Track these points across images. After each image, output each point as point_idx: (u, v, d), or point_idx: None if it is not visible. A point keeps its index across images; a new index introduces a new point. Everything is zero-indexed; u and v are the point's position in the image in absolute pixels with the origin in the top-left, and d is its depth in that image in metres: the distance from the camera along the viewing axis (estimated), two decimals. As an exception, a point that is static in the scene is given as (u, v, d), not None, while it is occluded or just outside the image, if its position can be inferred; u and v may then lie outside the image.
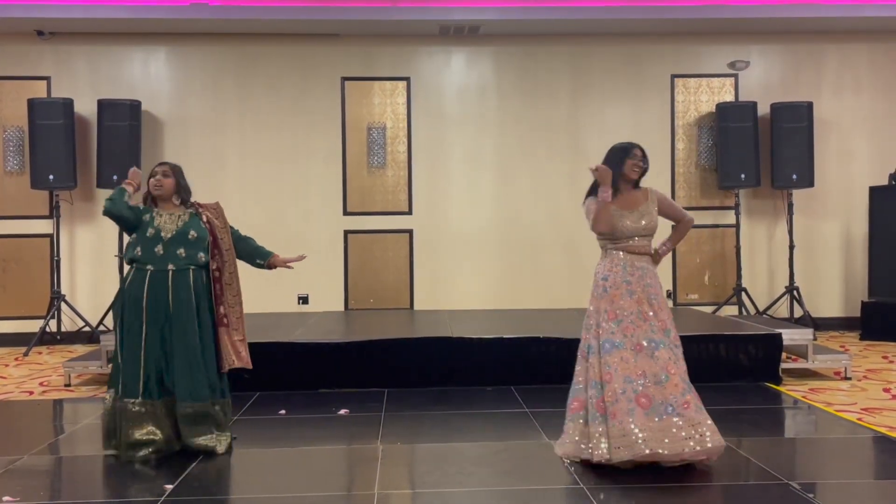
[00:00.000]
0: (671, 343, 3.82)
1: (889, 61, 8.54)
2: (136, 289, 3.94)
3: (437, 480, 3.70)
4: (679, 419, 3.63)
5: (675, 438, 3.60)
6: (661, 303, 3.91)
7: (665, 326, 3.84)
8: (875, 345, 7.51)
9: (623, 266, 3.95)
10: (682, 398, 3.67)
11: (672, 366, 3.73)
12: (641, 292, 3.88)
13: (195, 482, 3.63)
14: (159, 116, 8.28)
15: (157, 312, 3.92)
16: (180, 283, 3.95)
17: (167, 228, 3.98)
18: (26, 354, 7.49)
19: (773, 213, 8.49)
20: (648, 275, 3.94)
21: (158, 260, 3.94)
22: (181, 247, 3.96)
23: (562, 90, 8.48)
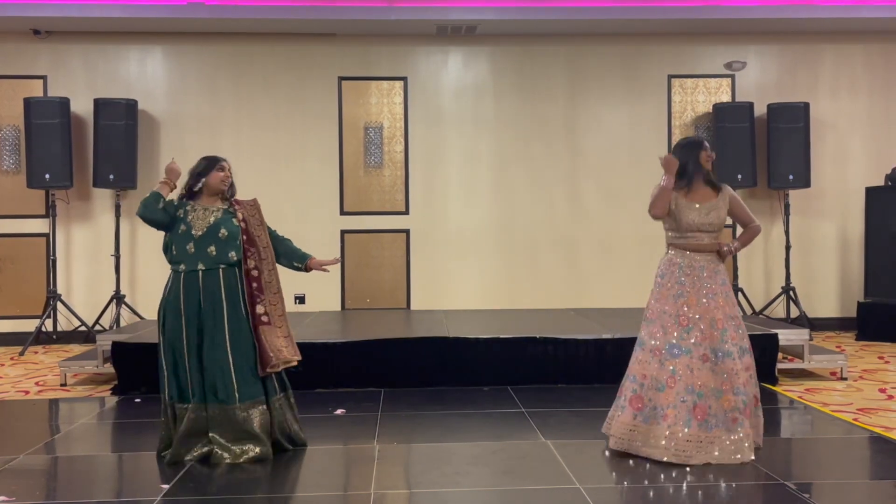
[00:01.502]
0: (731, 349, 3.88)
1: (885, 62, 8.56)
2: (173, 296, 3.91)
3: (433, 480, 3.70)
4: (725, 433, 3.80)
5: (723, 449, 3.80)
6: (718, 302, 3.92)
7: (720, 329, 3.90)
8: (871, 345, 7.53)
9: (680, 266, 4.02)
10: (732, 413, 3.83)
11: (731, 379, 3.85)
12: (693, 293, 3.93)
13: (191, 482, 3.63)
14: (156, 115, 8.27)
15: (192, 316, 3.86)
16: (211, 284, 3.89)
17: (198, 225, 3.93)
18: (22, 354, 7.48)
19: (770, 213, 8.50)
20: (707, 273, 3.97)
21: (190, 258, 3.89)
22: (212, 244, 3.90)
23: (559, 90, 8.48)
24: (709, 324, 3.89)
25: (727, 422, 3.81)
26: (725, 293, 3.96)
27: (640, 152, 8.45)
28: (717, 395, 3.83)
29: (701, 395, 3.81)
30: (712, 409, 3.81)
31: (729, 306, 3.95)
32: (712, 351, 3.87)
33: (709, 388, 3.82)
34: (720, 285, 3.96)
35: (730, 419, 3.81)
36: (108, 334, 6.35)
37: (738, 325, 3.95)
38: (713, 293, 3.93)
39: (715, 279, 3.96)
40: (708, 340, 3.87)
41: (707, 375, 3.83)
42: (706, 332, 3.88)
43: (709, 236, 4.01)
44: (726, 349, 3.85)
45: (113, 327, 7.67)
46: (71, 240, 8.23)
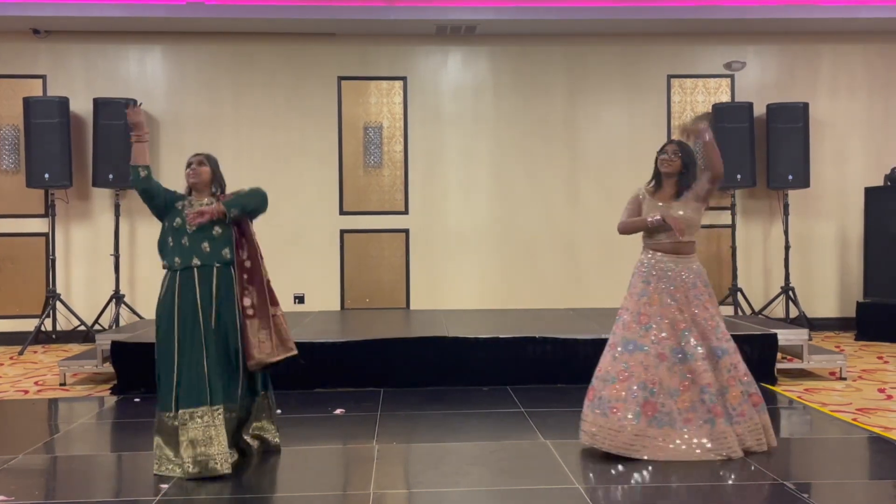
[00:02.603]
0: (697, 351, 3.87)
1: (884, 62, 8.57)
2: (168, 298, 3.82)
3: (432, 480, 3.70)
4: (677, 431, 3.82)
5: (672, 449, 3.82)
6: (682, 303, 3.92)
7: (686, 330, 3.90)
8: (870, 345, 7.53)
9: (648, 266, 4.03)
10: (686, 414, 3.84)
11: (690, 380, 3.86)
12: (657, 293, 3.94)
13: (191, 482, 3.62)
14: (155, 115, 8.26)
15: (187, 318, 3.77)
16: (205, 281, 3.82)
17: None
18: (21, 353, 7.47)
19: (769, 213, 8.50)
20: (674, 274, 3.96)
21: (185, 252, 3.82)
22: (205, 241, 3.84)
23: (558, 90, 8.48)
24: (670, 324, 3.90)
25: (679, 421, 3.81)
26: (695, 295, 3.94)
27: (640, 152, 8.43)
28: (671, 395, 3.84)
29: (653, 392, 3.83)
30: (665, 408, 3.82)
31: (699, 308, 3.92)
32: (671, 351, 3.88)
33: (663, 387, 3.84)
34: (690, 287, 3.94)
35: (683, 419, 3.81)
36: (108, 334, 6.35)
37: (714, 326, 3.90)
38: (678, 294, 3.93)
39: (683, 280, 3.95)
40: (668, 340, 3.89)
41: (663, 374, 3.85)
42: (667, 331, 3.90)
43: (671, 234, 3.98)
44: (687, 350, 3.86)
45: (112, 327, 7.67)
46: (70, 239, 8.22)
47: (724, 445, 3.80)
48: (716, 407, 3.82)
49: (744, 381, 3.92)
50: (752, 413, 3.90)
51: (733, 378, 3.89)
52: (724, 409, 3.85)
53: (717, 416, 3.82)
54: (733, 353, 3.94)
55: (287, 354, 3.97)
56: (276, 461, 3.94)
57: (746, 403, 3.89)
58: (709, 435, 3.81)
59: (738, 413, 3.86)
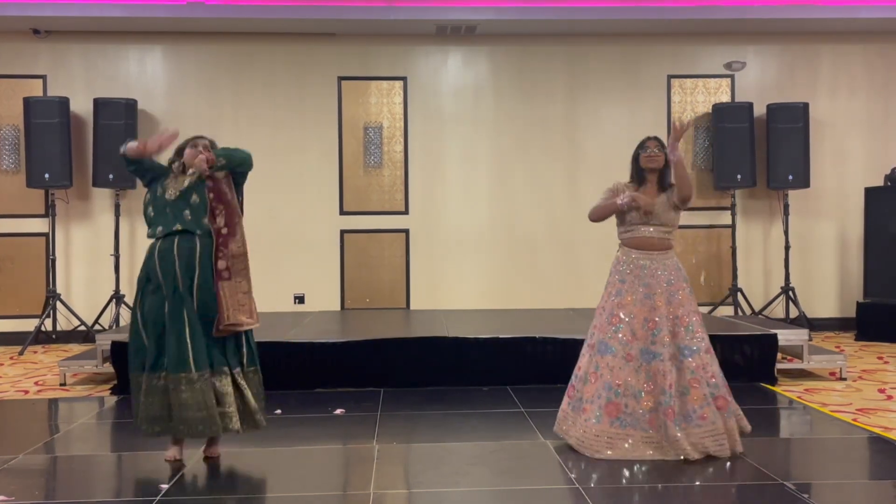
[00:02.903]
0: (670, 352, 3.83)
1: (884, 62, 8.57)
2: (150, 263, 3.83)
3: (432, 480, 3.70)
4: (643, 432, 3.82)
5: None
6: (655, 303, 3.90)
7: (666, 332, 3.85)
8: (870, 345, 7.53)
9: (623, 265, 4.03)
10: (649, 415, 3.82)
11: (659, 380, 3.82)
12: (630, 293, 3.93)
13: (190, 482, 3.63)
14: (155, 115, 8.27)
15: (167, 282, 3.77)
16: (185, 248, 3.79)
17: (171, 189, 3.89)
18: (21, 353, 7.47)
19: (769, 213, 8.50)
20: (649, 272, 3.94)
21: (166, 219, 3.83)
22: (186, 208, 3.84)
23: (558, 90, 8.48)
24: (641, 324, 3.88)
25: (643, 422, 3.80)
26: (669, 293, 3.90)
27: (640, 152, 8.45)
28: (635, 396, 3.82)
29: (618, 393, 3.83)
30: (628, 408, 3.82)
31: (673, 307, 3.88)
32: (640, 351, 3.86)
33: (628, 388, 3.83)
34: (666, 284, 3.91)
35: (647, 419, 3.80)
36: (108, 334, 6.34)
37: (686, 325, 3.86)
38: (655, 293, 3.90)
39: (657, 279, 3.92)
40: (638, 341, 3.86)
41: (629, 375, 3.84)
42: (637, 332, 3.88)
43: (657, 230, 3.97)
44: (655, 350, 3.83)
45: (112, 327, 7.67)
46: (70, 239, 8.23)
47: (678, 448, 3.74)
48: (669, 409, 3.75)
49: (711, 382, 3.82)
50: (714, 417, 3.78)
51: (696, 379, 3.80)
52: (681, 411, 3.77)
53: (669, 418, 3.75)
54: (703, 354, 3.85)
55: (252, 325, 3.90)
56: (277, 461, 3.94)
57: (709, 407, 3.78)
58: (665, 437, 3.77)
59: (698, 416, 3.77)
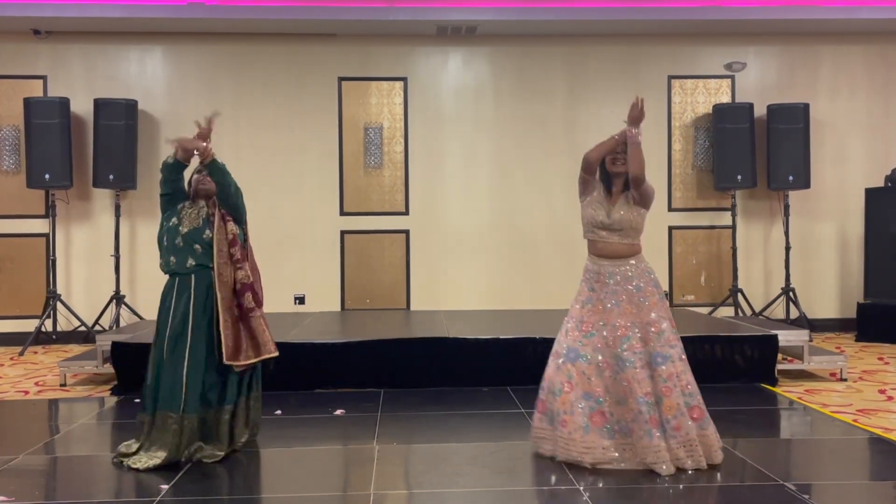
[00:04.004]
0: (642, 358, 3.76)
1: (884, 63, 8.57)
2: (167, 302, 3.93)
3: (433, 481, 3.70)
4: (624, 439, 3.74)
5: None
6: (624, 309, 3.82)
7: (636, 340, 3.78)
8: (871, 346, 7.53)
9: (591, 272, 4.00)
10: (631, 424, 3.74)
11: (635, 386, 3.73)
12: (599, 299, 3.88)
13: (190, 482, 3.63)
14: (155, 115, 8.27)
15: (178, 317, 3.86)
16: (202, 282, 3.90)
17: (185, 223, 3.95)
18: (22, 354, 7.47)
19: (770, 214, 8.50)
20: (619, 279, 3.87)
21: (179, 252, 3.92)
22: (197, 243, 3.93)
23: (558, 91, 8.48)
24: (611, 331, 3.81)
25: (628, 431, 3.73)
26: (638, 299, 3.82)
27: (640, 153, 8.45)
28: (619, 403, 3.75)
29: (600, 401, 3.74)
30: (613, 416, 3.75)
31: (643, 313, 3.79)
32: (614, 358, 3.77)
33: (609, 396, 3.75)
34: (633, 292, 3.83)
35: (630, 428, 3.72)
36: (108, 334, 6.35)
37: (657, 332, 3.77)
38: (621, 300, 3.83)
39: (627, 284, 3.85)
40: (611, 348, 3.79)
41: (608, 382, 3.76)
42: (608, 339, 3.80)
43: (616, 235, 3.92)
44: (625, 357, 3.74)
45: (112, 327, 7.67)
46: (71, 240, 8.23)
47: (659, 458, 3.66)
48: (652, 417, 3.68)
49: (686, 391, 3.74)
50: (687, 427, 3.68)
51: (669, 388, 3.69)
52: (659, 419, 3.69)
53: (654, 426, 3.67)
54: (677, 361, 3.75)
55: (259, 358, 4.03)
56: (277, 462, 3.94)
57: (683, 416, 3.68)
58: (648, 446, 3.67)
59: (672, 427, 3.68)
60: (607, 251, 3.94)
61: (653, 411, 3.67)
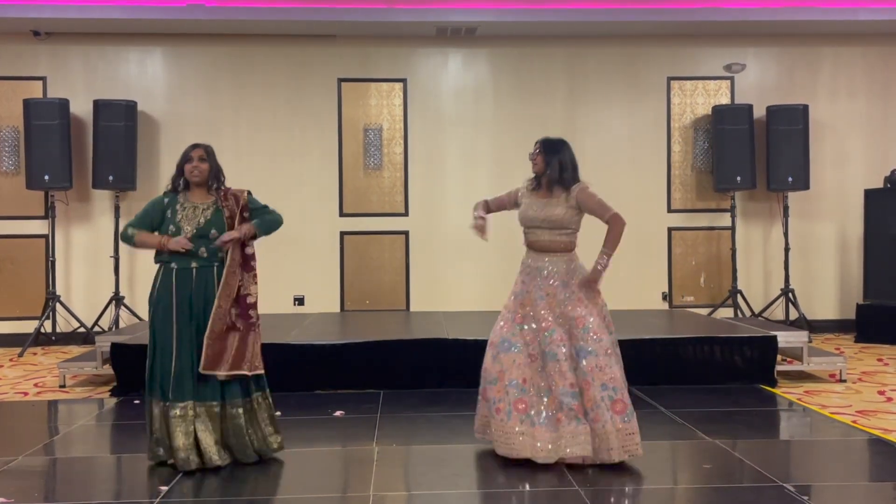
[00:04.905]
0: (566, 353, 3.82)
1: (883, 64, 8.57)
2: (165, 291, 3.83)
3: (432, 482, 3.70)
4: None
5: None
6: (551, 303, 3.90)
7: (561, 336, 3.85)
8: (870, 347, 7.53)
9: (525, 265, 4.11)
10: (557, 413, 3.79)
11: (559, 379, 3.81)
12: (530, 293, 3.97)
13: (190, 483, 3.62)
14: (155, 117, 8.27)
15: (184, 313, 3.79)
16: (206, 280, 3.83)
17: (188, 226, 3.82)
18: (21, 355, 7.47)
19: (769, 215, 8.50)
20: (548, 274, 3.95)
21: (181, 258, 3.82)
22: (202, 246, 3.82)
23: (558, 92, 8.49)
24: (538, 323, 3.91)
25: (553, 421, 3.78)
26: (566, 294, 3.89)
27: (640, 154, 8.46)
28: (543, 394, 3.83)
29: (525, 391, 3.84)
30: (535, 406, 3.82)
31: (569, 308, 3.86)
32: (540, 352, 3.88)
33: (534, 386, 3.84)
34: (560, 287, 3.91)
35: (555, 419, 3.77)
36: (107, 335, 6.35)
37: (582, 326, 3.82)
38: (548, 294, 3.92)
39: (556, 279, 3.93)
40: (538, 342, 3.89)
41: (534, 374, 3.86)
42: (537, 331, 3.90)
43: (550, 233, 4.01)
44: (550, 351, 3.83)
45: (112, 328, 7.66)
46: (70, 241, 8.22)
47: (578, 447, 3.72)
48: (576, 406, 3.75)
49: (608, 385, 3.76)
50: (605, 419, 3.70)
51: (589, 381, 3.74)
52: (580, 411, 3.76)
53: (579, 413, 3.74)
54: (601, 356, 3.78)
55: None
56: (276, 463, 3.93)
57: (601, 409, 3.71)
58: (574, 432, 3.73)
59: (591, 419, 3.73)
60: (538, 246, 4.06)
61: (576, 400, 3.76)
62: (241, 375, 3.83)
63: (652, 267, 8.48)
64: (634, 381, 5.60)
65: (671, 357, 5.73)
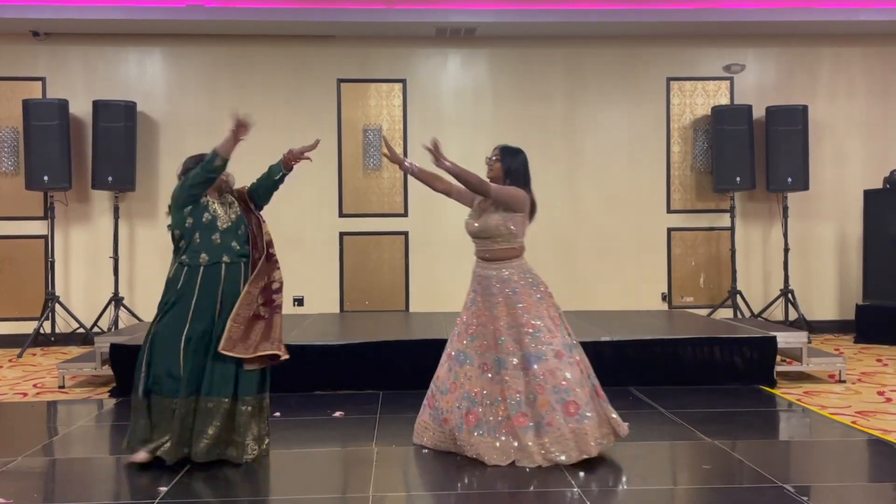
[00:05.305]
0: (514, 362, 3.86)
1: (883, 65, 8.57)
2: (188, 288, 3.80)
3: (432, 482, 3.70)
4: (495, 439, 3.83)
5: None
6: (500, 311, 3.93)
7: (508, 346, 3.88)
8: (869, 348, 7.53)
9: (474, 275, 4.13)
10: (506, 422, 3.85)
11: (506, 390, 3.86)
12: (480, 302, 4.01)
13: (189, 484, 3.62)
14: (154, 117, 8.27)
15: (204, 310, 3.79)
16: (233, 277, 3.86)
17: (223, 218, 3.93)
18: (20, 356, 7.47)
19: (768, 215, 8.51)
20: (495, 282, 4.00)
21: (214, 249, 3.85)
22: (234, 239, 3.91)
23: (557, 92, 8.49)
24: (491, 333, 3.94)
25: (497, 429, 3.82)
26: (514, 302, 3.93)
27: (639, 155, 8.46)
28: (492, 403, 3.87)
29: (475, 401, 3.88)
30: (484, 416, 3.86)
31: (517, 315, 3.90)
32: (492, 360, 3.91)
33: (484, 396, 3.88)
34: (509, 294, 3.95)
35: (502, 428, 3.82)
36: (107, 336, 6.34)
37: (532, 332, 3.86)
38: (497, 303, 3.95)
39: (503, 288, 3.97)
40: (490, 350, 3.92)
41: (486, 384, 3.90)
42: (489, 341, 3.94)
43: (483, 242, 4.09)
44: (501, 359, 3.88)
45: (111, 329, 7.66)
46: (69, 242, 8.22)
47: (526, 455, 3.76)
48: (519, 417, 3.79)
49: (560, 387, 3.78)
50: (559, 423, 3.74)
51: (542, 386, 3.78)
52: (532, 417, 3.78)
53: (521, 425, 3.78)
54: (552, 359, 3.81)
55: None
56: (276, 463, 3.93)
57: (555, 412, 3.75)
58: (518, 444, 3.78)
59: (545, 422, 3.75)
60: (483, 256, 4.11)
61: (522, 409, 3.79)
62: (267, 356, 3.86)
63: (651, 267, 8.48)
64: (634, 381, 5.65)
65: (671, 358, 5.73)
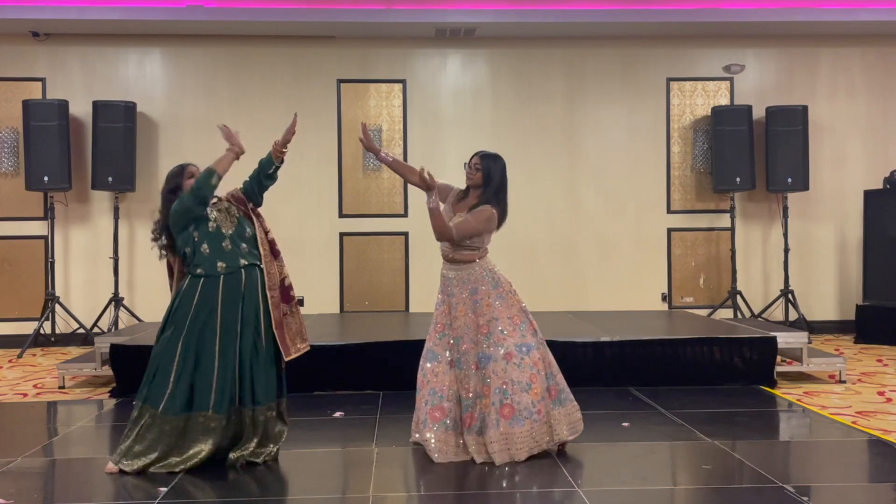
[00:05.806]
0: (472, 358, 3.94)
1: (883, 65, 8.57)
2: (207, 300, 3.76)
3: (431, 483, 3.70)
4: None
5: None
6: (461, 311, 4.00)
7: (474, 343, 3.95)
8: (870, 348, 7.53)
9: (442, 276, 4.16)
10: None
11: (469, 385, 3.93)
12: (446, 302, 4.07)
13: (189, 485, 3.62)
14: (154, 118, 8.27)
15: (230, 321, 3.77)
16: (252, 281, 3.85)
17: (226, 224, 3.88)
18: (20, 356, 7.46)
19: (768, 216, 8.50)
20: (457, 283, 4.05)
21: (229, 255, 3.82)
22: (243, 242, 3.89)
23: (557, 93, 8.49)
24: (453, 332, 4.02)
25: (460, 424, 3.92)
26: (473, 302, 4.00)
27: (639, 155, 8.46)
28: (456, 400, 3.96)
29: (442, 397, 3.96)
30: (451, 413, 3.94)
31: (475, 316, 3.97)
32: (455, 359, 3.99)
33: (450, 393, 3.97)
34: (469, 294, 4.01)
35: (463, 422, 3.90)
36: (107, 337, 6.34)
37: (486, 333, 3.93)
38: (458, 303, 4.02)
39: (463, 288, 4.03)
40: (454, 350, 4.00)
41: (452, 380, 3.98)
42: (453, 339, 4.02)
43: (449, 249, 4.10)
44: (458, 359, 3.96)
45: (111, 330, 7.66)
46: (69, 242, 8.22)
47: (476, 451, 3.85)
48: (467, 416, 3.89)
49: (501, 389, 3.84)
50: (493, 423, 3.80)
51: (489, 386, 3.86)
52: (478, 416, 3.87)
53: (465, 424, 3.89)
54: (500, 360, 3.87)
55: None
56: (276, 464, 3.93)
57: (492, 414, 3.82)
58: (474, 440, 3.87)
59: (489, 422, 3.82)
60: (446, 257, 4.15)
61: (472, 409, 3.88)
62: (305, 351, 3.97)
63: (651, 268, 8.48)
64: (634, 381, 5.65)
65: (671, 358, 5.73)
